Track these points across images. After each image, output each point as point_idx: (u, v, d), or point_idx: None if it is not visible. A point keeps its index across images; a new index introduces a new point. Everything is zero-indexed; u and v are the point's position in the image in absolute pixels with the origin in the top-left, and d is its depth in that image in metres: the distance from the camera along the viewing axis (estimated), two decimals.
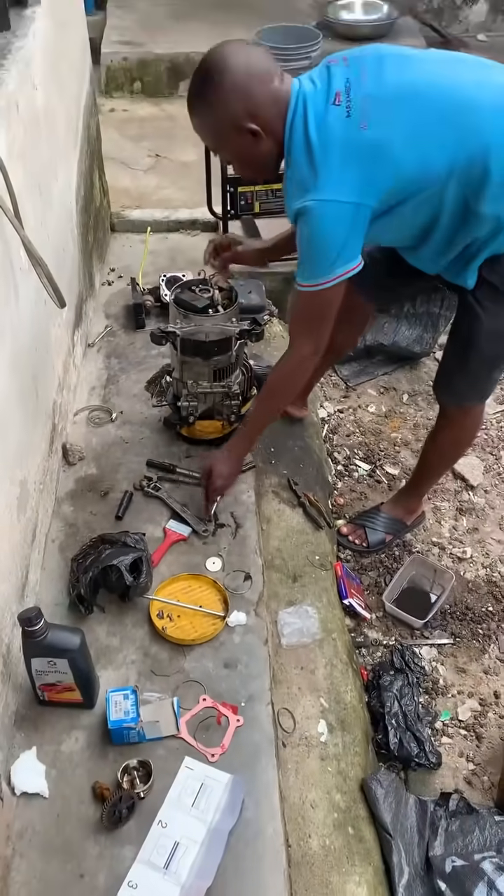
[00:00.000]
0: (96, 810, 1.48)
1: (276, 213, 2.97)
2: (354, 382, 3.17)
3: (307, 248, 1.63)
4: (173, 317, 2.06)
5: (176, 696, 1.66)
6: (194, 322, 2.01)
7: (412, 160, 1.55)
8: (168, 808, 1.48)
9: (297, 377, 1.88)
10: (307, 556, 2.13)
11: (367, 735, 1.87)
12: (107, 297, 3.02)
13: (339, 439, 2.93)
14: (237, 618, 1.82)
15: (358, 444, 2.91)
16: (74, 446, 2.26)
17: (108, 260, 3.26)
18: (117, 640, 1.78)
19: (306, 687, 1.81)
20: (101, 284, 3.07)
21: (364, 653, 2.21)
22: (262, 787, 1.53)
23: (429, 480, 2.43)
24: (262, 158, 1.66)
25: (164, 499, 2.11)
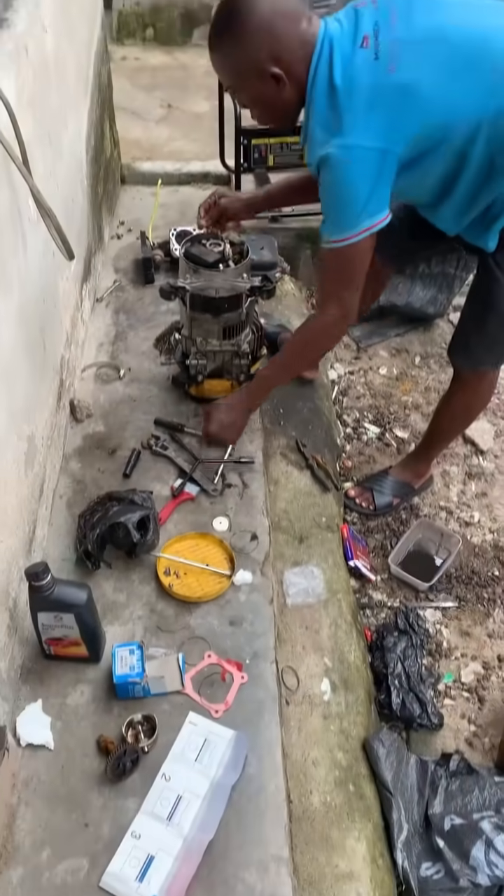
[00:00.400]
0: (101, 763, 1.50)
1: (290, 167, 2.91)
2: (366, 344, 3.14)
3: (331, 199, 1.56)
4: (183, 272, 2.03)
5: (181, 652, 1.67)
6: (204, 277, 1.98)
7: (440, 105, 1.49)
8: (172, 763, 1.49)
9: (322, 343, 1.82)
10: (314, 518, 2.13)
11: (370, 695, 1.89)
12: (116, 250, 2.97)
13: (348, 401, 2.91)
14: (243, 577, 1.83)
15: (368, 406, 2.89)
16: (82, 403, 2.24)
17: (117, 213, 3.21)
18: (124, 596, 1.79)
19: (310, 646, 1.82)
20: (110, 238, 3.03)
21: (368, 614, 2.22)
22: (264, 743, 1.55)
23: (439, 444, 2.41)
24: (281, 105, 1.61)
25: (171, 457, 2.10)
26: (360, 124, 1.47)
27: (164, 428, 2.20)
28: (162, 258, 2.79)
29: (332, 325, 1.74)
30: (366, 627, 2.14)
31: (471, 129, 1.53)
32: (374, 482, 2.48)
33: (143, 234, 2.90)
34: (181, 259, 2.03)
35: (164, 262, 2.79)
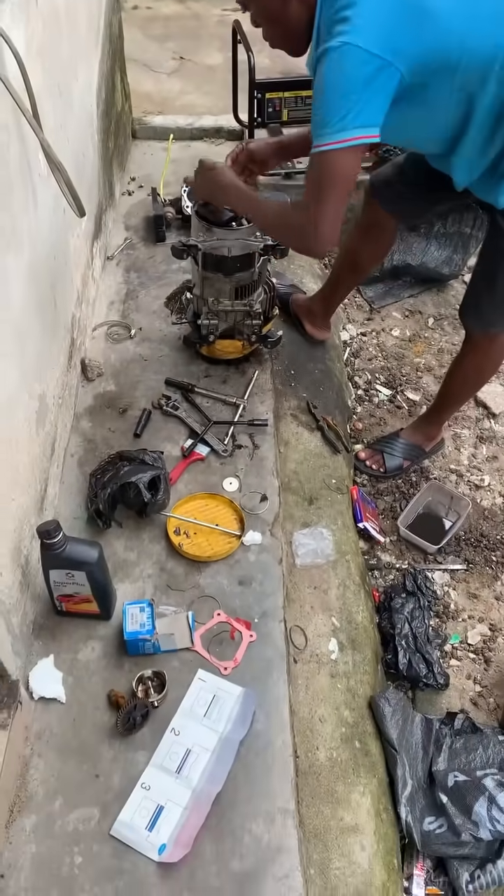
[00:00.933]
0: (111, 717, 1.53)
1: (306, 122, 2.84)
2: (379, 304, 3.10)
3: (320, 96, 1.46)
4: (195, 230, 2.00)
5: (191, 610, 1.69)
6: (217, 236, 1.95)
7: (455, 31, 1.41)
8: (181, 717, 1.52)
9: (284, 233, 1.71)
10: (324, 480, 2.13)
11: (377, 655, 1.91)
12: (127, 207, 2.93)
13: (360, 363, 2.89)
14: (252, 537, 1.84)
15: (380, 368, 2.87)
16: (93, 362, 2.23)
17: (128, 168, 3.16)
18: (134, 554, 1.80)
19: (319, 606, 1.84)
20: (121, 194, 2.99)
21: (377, 575, 2.23)
22: (272, 700, 1.57)
23: (450, 407, 2.39)
24: (288, 22, 1.53)
25: (182, 418, 2.10)
26: (366, 28, 1.37)
27: (175, 388, 2.20)
28: (173, 216, 2.76)
29: (298, 228, 1.62)
30: (374, 588, 2.15)
31: (483, 65, 1.45)
32: (384, 444, 2.47)
33: (154, 190, 2.86)
34: (193, 217, 2.00)
35: (176, 219, 2.75)
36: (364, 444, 2.56)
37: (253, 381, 2.24)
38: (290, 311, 2.53)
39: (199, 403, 2.16)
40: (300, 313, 2.51)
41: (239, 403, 2.15)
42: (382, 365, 2.88)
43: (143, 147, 3.32)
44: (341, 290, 2.47)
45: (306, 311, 2.50)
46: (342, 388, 2.58)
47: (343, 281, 2.41)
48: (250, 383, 2.23)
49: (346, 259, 2.34)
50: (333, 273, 2.43)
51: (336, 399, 2.45)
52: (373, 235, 2.19)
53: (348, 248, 2.31)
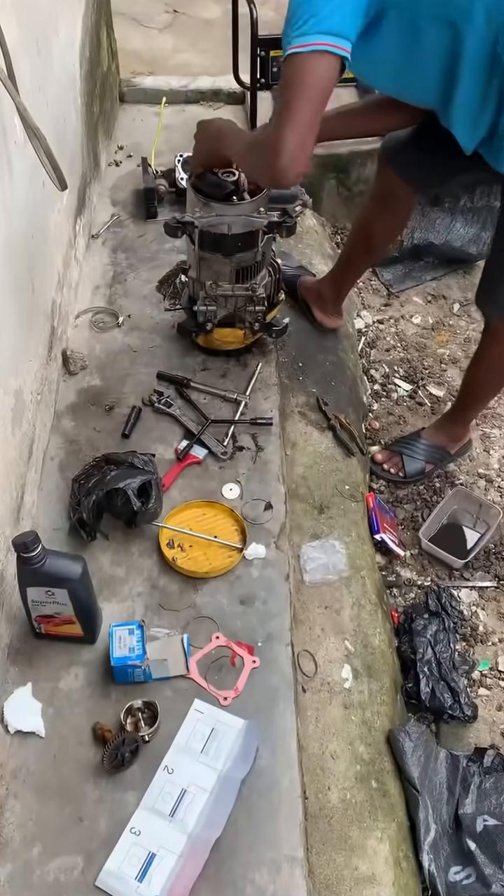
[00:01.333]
0: (97, 752, 1.52)
1: None
2: (398, 288, 3.11)
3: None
4: (191, 205, 2.01)
5: (186, 632, 1.69)
6: (215, 211, 1.96)
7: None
8: (175, 754, 1.52)
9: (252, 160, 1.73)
10: (336, 486, 2.13)
11: (396, 683, 1.91)
12: (114, 180, 2.94)
13: (377, 354, 2.89)
14: (256, 550, 1.84)
15: (399, 360, 2.87)
16: (76, 353, 2.24)
17: (115, 136, 3.17)
18: (122, 570, 1.81)
19: (330, 628, 1.84)
20: (107, 165, 2.99)
21: (396, 593, 2.23)
22: (278, 734, 1.57)
23: (476, 404, 2.40)
24: None
25: (176, 416, 2.10)
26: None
27: (169, 382, 2.20)
28: (166, 189, 2.76)
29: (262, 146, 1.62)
30: (392, 608, 2.15)
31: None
32: (404, 446, 2.47)
33: (144, 160, 2.86)
34: (189, 190, 2.00)
35: (169, 193, 2.76)
36: (381, 446, 2.56)
37: (256, 375, 2.24)
38: (298, 295, 2.54)
39: (196, 400, 2.16)
40: (309, 298, 2.52)
41: (240, 400, 2.16)
42: (402, 356, 2.88)
43: (132, 112, 3.33)
44: (354, 272, 2.47)
45: (315, 295, 2.50)
46: (356, 382, 2.59)
47: (356, 261, 2.41)
48: (253, 377, 2.23)
49: (358, 235, 2.34)
50: (345, 252, 2.44)
51: (350, 395, 2.45)
52: (387, 207, 2.19)
53: (361, 223, 2.31)
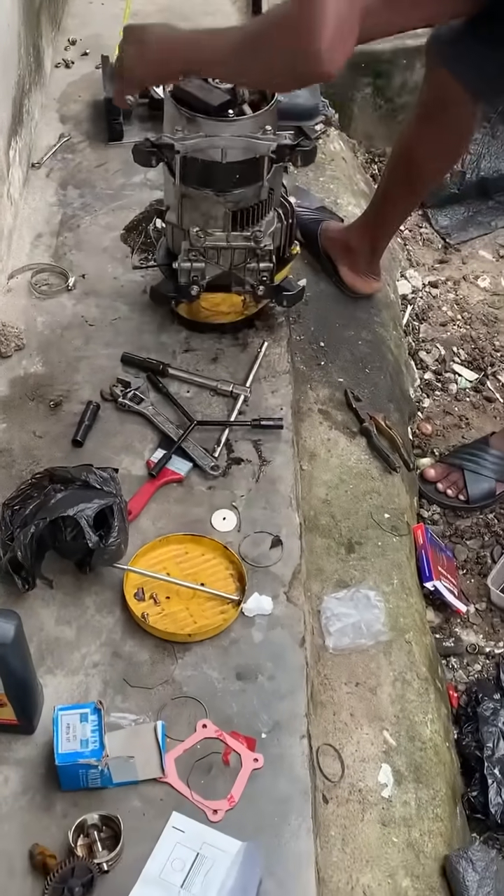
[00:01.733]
0: (36, 886, 1.51)
1: None
2: (458, 239, 3.11)
3: None
4: (170, 121, 2.01)
5: (161, 719, 1.68)
6: (204, 130, 1.96)
7: None
8: (146, 887, 1.51)
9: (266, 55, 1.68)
10: (371, 513, 2.13)
11: (455, 790, 1.90)
12: (63, 87, 2.95)
13: (429, 330, 2.89)
14: (259, 604, 1.83)
15: (459, 338, 2.87)
16: (8, 328, 2.25)
17: (65, 26, 3.18)
18: (72, 630, 1.80)
19: (363, 713, 1.83)
20: (53, 66, 3.00)
21: (455, 665, 2.23)
22: (290, 861, 1.56)
23: None
24: None
25: (148, 415, 2.10)
26: None
27: (138, 369, 2.20)
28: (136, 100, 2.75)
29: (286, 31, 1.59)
30: (450, 686, 2.15)
31: None
32: (466, 458, 2.47)
33: (105, 59, 2.87)
34: (167, 101, 2.01)
35: (140, 105, 2.76)
36: (435, 458, 2.56)
37: (260, 359, 2.24)
38: (320, 248, 2.54)
39: (176, 393, 2.16)
40: (334, 252, 2.52)
41: (238, 393, 2.16)
42: (463, 333, 2.88)
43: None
44: (395, 215, 2.47)
45: (343, 248, 2.50)
46: (400, 369, 2.58)
47: (398, 199, 2.41)
48: (256, 362, 2.23)
49: (400, 162, 2.34)
50: (382, 186, 2.43)
51: (391, 387, 2.45)
52: (439, 122, 2.19)
53: (403, 146, 2.31)
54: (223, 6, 3.35)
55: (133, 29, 1.92)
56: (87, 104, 2.87)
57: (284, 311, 2.34)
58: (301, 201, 2.64)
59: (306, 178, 2.83)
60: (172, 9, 3.25)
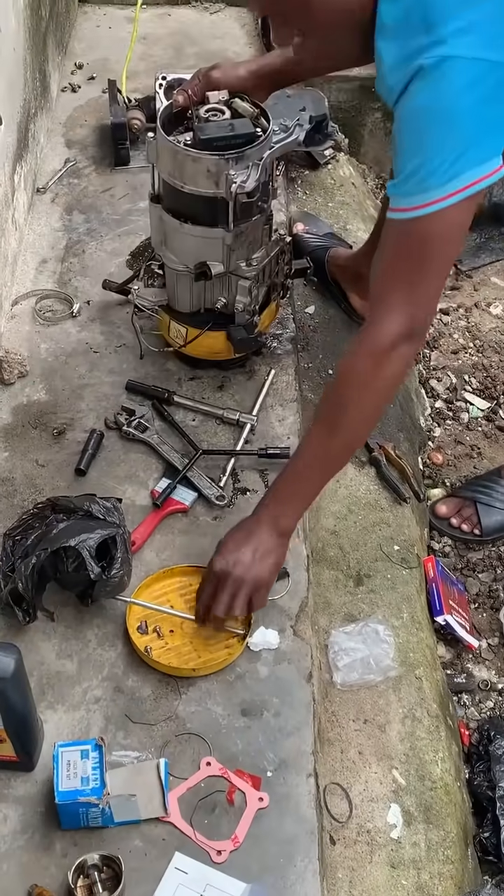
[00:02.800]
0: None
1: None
2: (470, 265, 3.12)
3: (415, 138, 1.54)
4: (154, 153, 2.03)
5: (164, 756, 1.67)
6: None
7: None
8: None
9: (381, 384, 1.73)
10: (380, 545, 2.13)
11: (467, 831, 1.89)
12: (69, 111, 2.97)
13: (440, 358, 2.90)
14: (265, 638, 1.83)
15: (471, 366, 2.87)
16: (12, 355, 2.25)
17: (72, 50, 3.21)
18: (74, 664, 1.80)
19: (371, 751, 1.82)
20: (60, 90, 3.03)
21: (466, 701, 2.22)
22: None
23: None
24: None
25: (153, 444, 2.11)
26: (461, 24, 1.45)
27: (143, 397, 2.21)
28: (142, 124, 2.79)
29: (395, 346, 1.65)
30: (462, 723, 2.14)
31: None
32: (479, 490, 2.47)
33: (112, 84, 2.89)
34: (151, 138, 2.02)
35: (147, 129, 2.78)
36: (446, 489, 2.56)
37: (267, 387, 2.25)
38: (327, 274, 2.55)
39: (181, 422, 2.16)
40: (343, 279, 2.53)
41: (244, 422, 2.16)
42: (475, 361, 2.89)
43: (96, 16, 3.38)
44: None
45: (352, 274, 2.51)
46: (410, 397, 2.59)
47: None
48: (262, 390, 2.24)
49: None
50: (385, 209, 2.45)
51: (401, 415, 2.46)
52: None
53: None
54: (232, 29, 3.37)
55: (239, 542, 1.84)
56: (93, 129, 2.90)
57: (292, 339, 2.34)
58: (309, 227, 2.66)
59: (315, 204, 2.84)
60: (184, 32, 3.28)
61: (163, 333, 2.26)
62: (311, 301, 2.53)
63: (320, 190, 2.92)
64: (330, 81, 3.03)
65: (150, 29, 3.27)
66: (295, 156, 2.89)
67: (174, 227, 2.04)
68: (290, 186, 2.90)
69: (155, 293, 2.24)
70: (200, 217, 2.00)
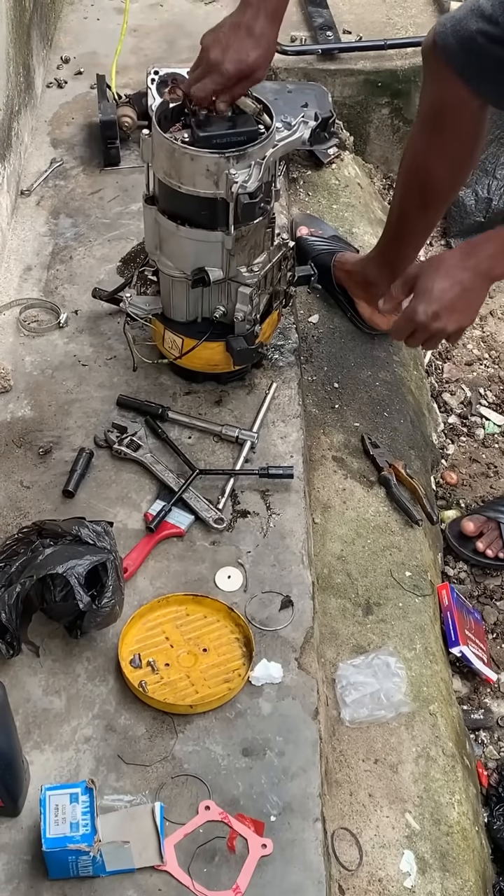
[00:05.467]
0: None
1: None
2: None
3: None
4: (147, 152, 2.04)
5: (159, 800, 1.66)
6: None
7: None
8: None
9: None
10: (391, 571, 2.12)
11: (486, 879, 1.88)
12: (55, 108, 2.98)
13: (453, 370, 2.90)
14: (267, 671, 1.82)
15: (486, 378, 2.88)
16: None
17: (57, 43, 3.22)
18: (62, 701, 1.79)
19: (383, 794, 1.81)
20: (45, 86, 3.04)
21: (484, 739, 2.21)
22: None
23: None
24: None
25: (146, 464, 2.11)
26: None
27: (135, 413, 2.21)
28: (133, 122, 2.80)
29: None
30: (479, 763, 2.13)
31: None
32: (498, 510, 2.46)
33: (101, 80, 2.90)
34: (146, 136, 2.03)
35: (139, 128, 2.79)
36: (461, 511, 2.55)
37: (268, 402, 2.25)
38: (333, 281, 2.55)
39: (177, 439, 2.16)
40: (350, 285, 2.53)
41: (244, 439, 2.16)
42: (490, 373, 2.89)
43: (83, 7, 3.39)
44: (412, 238, 2.46)
45: (360, 280, 2.51)
46: (422, 412, 2.59)
47: (412, 219, 2.39)
48: (263, 405, 2.24)
49: (410, 177, 2.32)
50: (395, 208, 2.42)
51: (412, 432, 2.46)
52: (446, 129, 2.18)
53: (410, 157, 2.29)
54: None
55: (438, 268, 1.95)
56: (80, 127, 2.90)
57: (294, 350, 2.34)
58: (313, 229, 2.66)
59: (319, 206, 2.85)
60: (178, 24, 3.29)
61: (157, 344, 2.26)
62: (314, 310, 2.53)
63: (324, 191, 2.92)
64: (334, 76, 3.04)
65: (140, 21, 3.28)
66: (297, 155, 2.90)
67: (170, 230, 2.04)
68: (292, 187, 2.91)
69: (148, 301, 2.23)
70: (198, 219, 2.01)
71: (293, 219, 2.76)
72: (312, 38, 3.23)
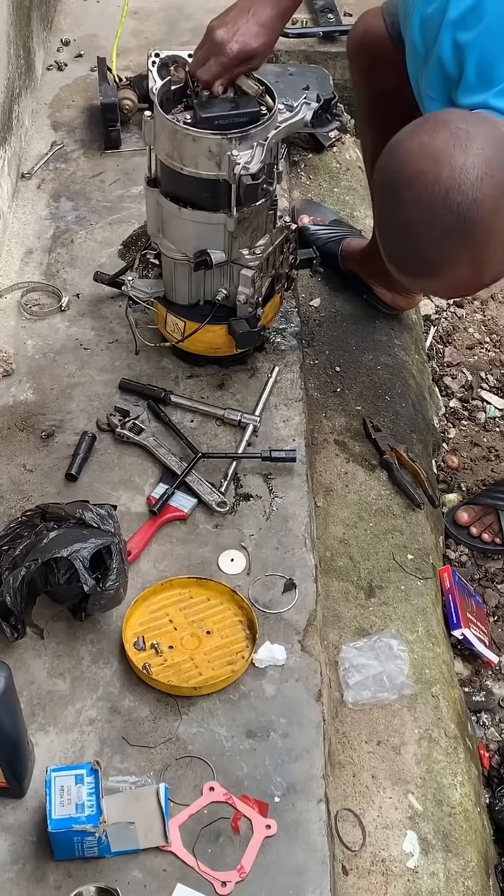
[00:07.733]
0: None
1: None
2: None
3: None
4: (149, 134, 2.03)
5: (164, 781, 1.67)
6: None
7: None
8: None
9: None
10: (393, 554, 2.13)
11: (488, 860, 1.88)
12: (56, 91, 2.97)
13: (454, 354, 2.90)
14: (271, 653, 1.83)
15: (487, 362, 2.87)
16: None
17: (58, 25, 3.21)
18: (66, 683, 1.80)
19: (386, 775, 1.82)
20: (45, 69, 3.03)
21: (486, 721, 2.22)
22: None
23: None
24: None
25: (149, 447, 2.11)
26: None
27: (138, 396, 2.21)
28: (134, 104, 2.79)
29: None
30: (481, 745, 2.14)
31: None
32: (498, 495, 2.47)
33: (101, 62, 2.90)
34: (147, 118, 2.03)
35: (140, 110, 2.78)
36: (462, 493, 2.56)
37: (270, 385, 2.25)
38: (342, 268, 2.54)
39: (179, 423, 2.17)
40: (364, 272, 2.51)
41: (246, 423, 2.17)
42: (492, 357, 2.89)
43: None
44: None
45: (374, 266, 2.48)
46: (423, 396, 2.59)
47: None
48: (265, 389, 2.24)
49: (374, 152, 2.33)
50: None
51: (413, 415, 2.46)
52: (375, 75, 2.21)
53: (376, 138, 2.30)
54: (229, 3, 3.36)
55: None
56: (81, 110, 2.90)
57: (296, 334, 2.34)
58: (315, 218, 2.65)
59: (320, 190, 2.85)
60: (175, 6, 3.28)
61: (159, 328, 2.26)
62: (316, 293, 2.53)
63: (325, 174, 2.93)
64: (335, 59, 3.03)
65: (141, 3, 3.26)
66: (298, 138, 2.90)
67: (172, 212, 2.05)
68: (293, 171, 2.91)
69: (150, 284, 2.24)
70: (201, 201, 2.01)
71: (294, 204, 2.76)
72: (314, 20, 3.22)
